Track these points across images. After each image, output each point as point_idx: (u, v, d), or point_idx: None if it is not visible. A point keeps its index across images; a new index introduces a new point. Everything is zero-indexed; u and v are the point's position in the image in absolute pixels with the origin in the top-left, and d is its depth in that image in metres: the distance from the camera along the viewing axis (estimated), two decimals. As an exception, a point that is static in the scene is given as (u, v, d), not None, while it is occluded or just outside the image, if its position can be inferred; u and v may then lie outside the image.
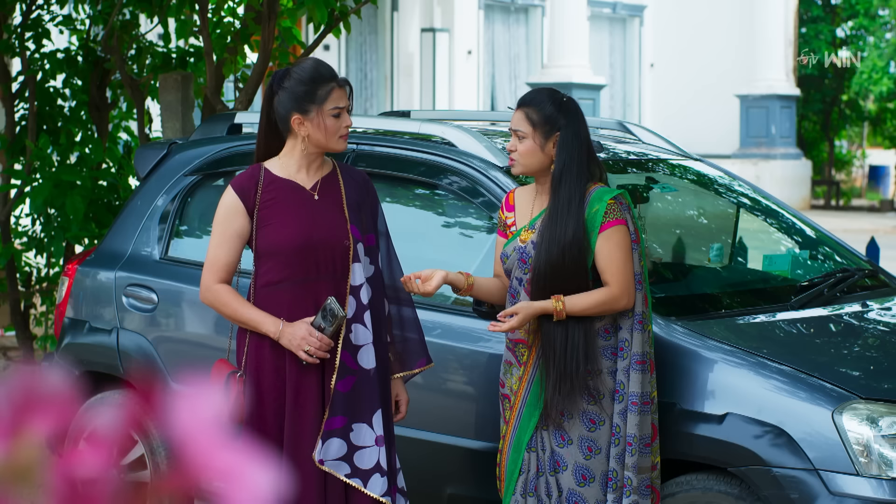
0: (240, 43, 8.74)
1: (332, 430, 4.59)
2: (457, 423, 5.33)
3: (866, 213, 27.17)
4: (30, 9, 9.16)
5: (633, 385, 4.67)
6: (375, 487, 4.61)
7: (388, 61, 23.97)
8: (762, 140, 26.71)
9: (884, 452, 4.56)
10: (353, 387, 4.62)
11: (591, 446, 4.71)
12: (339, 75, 4.69)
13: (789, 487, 4.60)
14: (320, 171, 4.71)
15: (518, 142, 4.81)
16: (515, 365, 4.83)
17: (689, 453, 4.88)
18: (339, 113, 4.59)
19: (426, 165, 5.66)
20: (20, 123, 9.32)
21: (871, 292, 5.84)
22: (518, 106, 4.87)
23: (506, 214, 4.97)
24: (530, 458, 4.79)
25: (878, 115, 30.50)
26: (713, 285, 5.97)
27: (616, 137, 6.46)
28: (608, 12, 27.62)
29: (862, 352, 5.31)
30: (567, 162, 4.74)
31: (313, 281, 4.60)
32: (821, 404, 4.64)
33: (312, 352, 4.52)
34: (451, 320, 5.38)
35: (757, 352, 4.87)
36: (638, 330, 4.71)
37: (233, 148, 6.28)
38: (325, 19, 7.95)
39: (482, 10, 25.06)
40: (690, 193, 6.53)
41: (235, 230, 4.65)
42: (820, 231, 6.35)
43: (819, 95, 29.22)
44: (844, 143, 31.44)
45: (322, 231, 4.62)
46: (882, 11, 27.84)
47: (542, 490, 4.77)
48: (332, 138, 4.60)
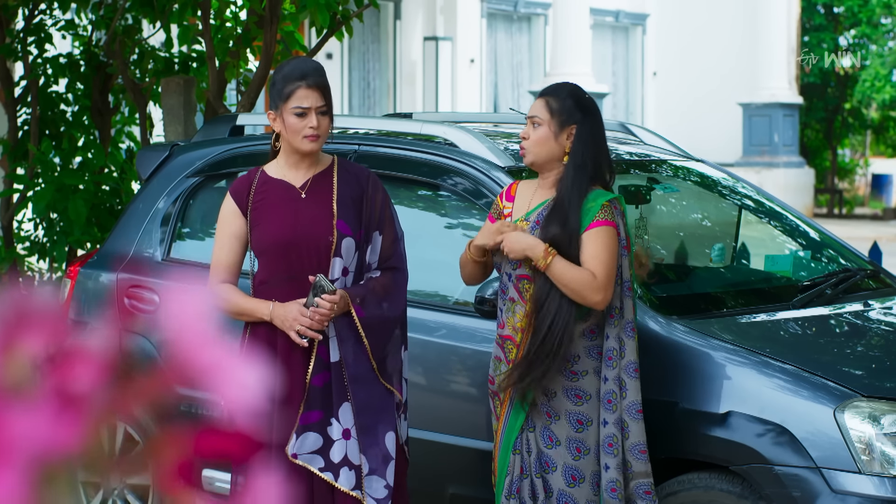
0: (242, 47, 8.75)
1: (308, 424, 4.62)
2: (459, 423, 5.32)
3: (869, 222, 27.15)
4: (32, 13, 9.17)
5: (633, 394, 4.65)
6: (345, 481, 4.61)
7: (391, 70, 23.99)
8: (765, 148, 26.71)
9: (886, 450, 4.55)
10: (329, 381, 4.64)
11: (580, 447, 4.70)
12: (315, 77, 4.68)
13: (791, 486, 4.59)
14: (313, 169, 4.77)
15: (532, 129, 4.80)
16: (503, 361, 4.82)
17: (691, 452, 4.88)
18: (304, 112, 4.63)
19: (428, 166, 5.66)
20: (23, 128, 9.32)
21: (873, 292, 5.84)
22: (539, 95, 4.88)
23: (504, 203, 4.96)
24: (515, 459, 4.77)
25: (880, 123, 30.49)
26: (715, 285, 5.97)
27: (618, 139, 6.46)
28: (611, 21, 27.63)
29: (864, 351, 5.30)
30: (582, 155, 4.74)
31: (298, 278, 4.63)
32: (823, 402, 4.64)
33: (303, 331, 4.55)
34: (455, 320, 5.38)
35: (759, 350, 4.87)
36: (630, 337, 4.69)
37: (235, 150, 6.28)
38: (327, 23, 7.95)
39: (485, 18, 25.08)
40: (692, 194, 6.53)
41: (232, 232, 4.77)
42: (822, 232, 6.35)
43: (822, 104, 29.22)
44: (847, 152, 31.42)
45: (304, 228, 4.67)
46: (885, 20, 27.85)
47: (526, 492, 4.74)
48: (294, 137, 4.67)
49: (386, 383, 4.71)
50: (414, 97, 23.89)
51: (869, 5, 27.52)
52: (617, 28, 28.16)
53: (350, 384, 4.62)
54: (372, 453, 4.65)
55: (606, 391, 4.67)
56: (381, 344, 4.70)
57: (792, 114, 26.91)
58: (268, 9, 8.14)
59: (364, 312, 4.64)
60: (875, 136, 31.38)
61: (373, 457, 4.65)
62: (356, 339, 4.63)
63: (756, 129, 26.78)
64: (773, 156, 26.70)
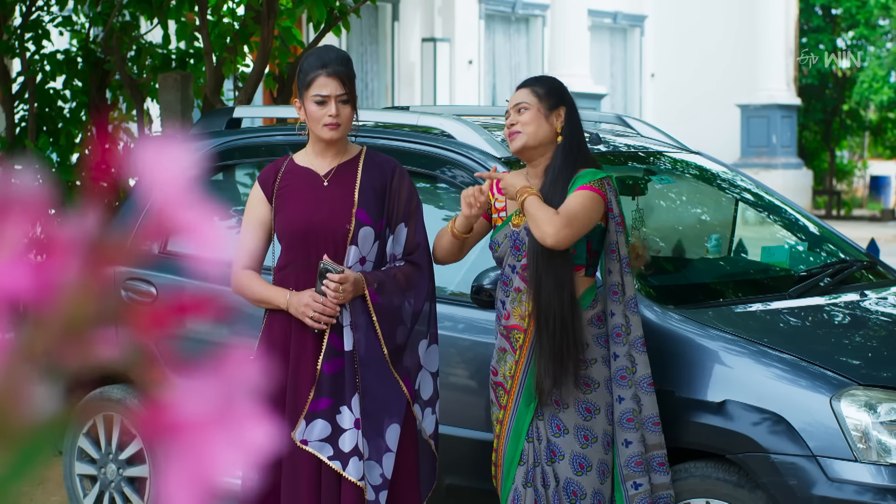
0: (239, 43, 8.75)
1: (317, 411, 4.63)
2: (456, 414, 5.32)
3: (867, 223, 27.15)
4: (30, 10, 9.17)
5: (642, 367, 4.67)
6: (354, 471, 4.61)
7: (389, 71, 23.98)
8: (763, 150, 26.71)
9: (882, 439, 4.55)
10: (340, 369, 4.64)
11: (588, 435, 4.70)
12: (336, 65, 4.72)
13: (788, 474, 4.60)
14: (339, 158, 4.81)
15: (519, 115, 4.80)
16: (510, 351, 4.81)
17: (687, 441, 4.88)
18: (323, 100, 4.66)
19: (425, 157, 5.67)
20: (20, 125, 9.32)
21: (869, 283, 5.85)
22: (520, 86, 4.87)
23: (496, 197, 4.96)
24: (529, 448, 4.78)
25: (878, 124, 30.49)
26: (711, 275, 5.97)
27: (615, 131, 6.46)
28: (609, 22, 27.64)
29: (860, 340, 5.30)
30: (573, 136, 4.76)
31: (315, 264, 4.66)
32: (819, 391, 4.64)
33: (317, 317, 4.58)
34: (452, 311, 5.37)
35: (756, 339, 4.87)
36: (634, 312, 4.71)
37: (232, 142, 6.29)
38: (324, 17, 7.96)
39: (483, 19, 25.08)
40: (689, 185, 6.54)
41: (257, 217, 4.82)
42: (818, 224, 6.35)
43: (820, 105, 29.23)
44: (845, 153, 31.42)
45: (323, 215, 4.70)
46: (882, 21, 27.85)
47: (539, 481, 4.76)
48: (315, 125, 4.73)
49: (398, 376, 4.71)
50: (412, 98, 23.88)
51: (867, 7, 27.54)
52: (615, 29, 28.16)
53: (360, 368, 4.63)
54: (374, 443, 4.65)
55: (619, 367, 4.67)
56: (394, 332, 4.70)
57: (790, 115, 26.91)
58: (265, 4, 8.14)
59: (379, 298, 4.65)
60: (873, 137, 31.38)
61: (374, 446, 4.65)
62: (368, 325, 4.64)
63: (754, 131, 26.78)
64: (772, 157, 26.69)
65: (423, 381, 4.83)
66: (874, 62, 27.26)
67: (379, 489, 4.66)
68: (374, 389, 4.65)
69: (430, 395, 4.85)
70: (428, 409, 4.85)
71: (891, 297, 5.73)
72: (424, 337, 4.81)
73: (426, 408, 4.84)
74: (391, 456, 4.68)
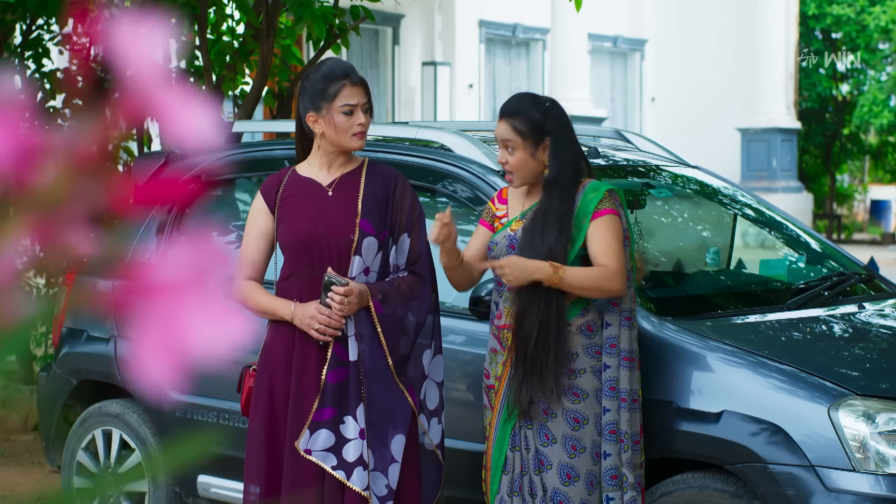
0: (239, 60, 8.77)
1: (321, 420, 4.62)
2: (454, 426, 5.31)
3: (868, 246, 27.16)
4: (30, 28, 9.19)
5: (623, 382, 4.67)
6: (358, 481, 4.60)
7: (390, 95, 24.02)
8: (763, 173, 26.73)
9: (880, 449, 4.54)
10: (345, 379, 4.63)
11: (576, 445, 4.70)
12: (356, 74, 4.74)
13: (786, 484, 4.59)
14: (343, 169, 4.81)
15: (508, 154, 4.82)
16: (500, 351, 4.83)
17: (685, 451, 4.87)
18: (351, 110, 4.67)
19: (424, 170, 5.68)
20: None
21: (867, 296, 5.85)
22: (501, 116, 4.87)
23: (497, 206, 4.99)
24: (514, 457, 4.79)
25: (879, 148, 30.51)
26: (710, 288, 5.97)
27: (614, 145, 6.48)
28: (609, 46, 27.70)
29: (858, 352, 5.30)
30: (560, 168, 4.77)
31: (319, 274, 4.67)
32: (817, 401, 4.63)
33: (322, 329, 4.58)
34: (450, 323, 5.36)
35: (754, 350, 4.86)
36: (626, 326, 4.71)
37: (230, 157, 6.29)
38: (324, 34, 7.97)
39: (483, 43, 25.14)
40: (687, 199, 6.54)
41: (259, 228, 4.83)
42: (817, 237, 6.36)
43: (820, 129, 29.25)
44: (846, 177, 31.43)
45: (327, 226, 4.70)
46: (882, 45, 27.90)
47: (527, 490, 4.76)
48: (343, 136, 4.69)
49: (402, 386, 4.71)
50: (413, 122, 23.91)
51: (867, 31, 27.59)
52: (615, 53, 28.22)
53: (364, 379, 4.63)
54: (379, 453, 4.65)
55: (608, 378, 4.68)
56: (398, 343, 4.71)
57: (790, 139, 26.93)
58: (265, 22, 8.16)
59: (383, 309, 4.66)
60: (873, 161, 31.40)
61: (378, 456, 4.65)
62: (372, 335, 4.65)
63: (754, 155, 26.79)
64: (772, 181, 26.70)
65: (429, 391, 4.84)
66: (874, 86, 27.30)
67: (384, 500, 4.66)
68: (379, 400, 4.66)
69: (435, 405, 4.87)
70: (434, 419, 4.86)
71: (889, 310, 5.73)
72: (429, 347, 4.82)
73: (432, 418, 4.85)
74: (396, 466, 4.68)
